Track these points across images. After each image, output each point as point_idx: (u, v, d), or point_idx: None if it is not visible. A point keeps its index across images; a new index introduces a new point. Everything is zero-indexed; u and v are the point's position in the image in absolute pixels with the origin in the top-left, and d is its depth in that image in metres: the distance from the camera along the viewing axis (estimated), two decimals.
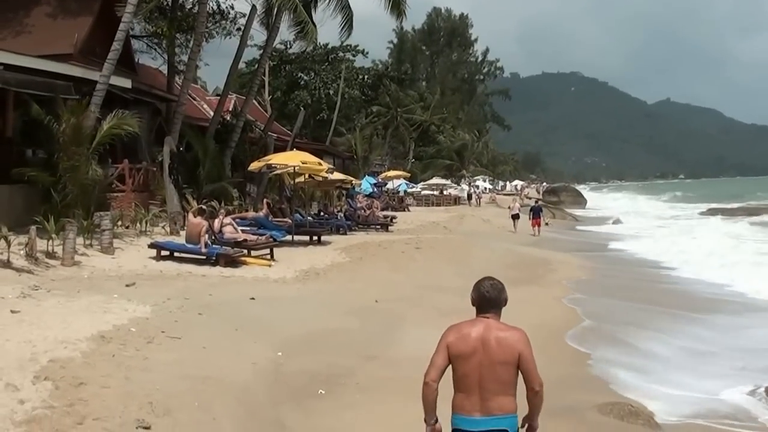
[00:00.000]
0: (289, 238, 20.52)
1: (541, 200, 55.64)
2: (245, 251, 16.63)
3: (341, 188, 33.91)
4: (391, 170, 57.94)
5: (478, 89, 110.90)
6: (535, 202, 41.88)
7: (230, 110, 33.36)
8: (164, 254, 15.63)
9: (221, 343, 8.81)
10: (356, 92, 62.32)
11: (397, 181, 53.12)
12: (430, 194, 59.73)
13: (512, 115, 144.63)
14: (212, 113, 31.63)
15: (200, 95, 41.38)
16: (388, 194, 48.94)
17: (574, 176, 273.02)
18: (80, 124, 17.68)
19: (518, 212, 35.50)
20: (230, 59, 29.35)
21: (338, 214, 28.69)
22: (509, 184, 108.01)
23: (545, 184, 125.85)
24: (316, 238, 21.99)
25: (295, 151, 25.90)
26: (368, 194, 40.98)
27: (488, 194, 75.26)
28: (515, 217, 34.90)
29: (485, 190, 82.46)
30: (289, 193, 27.61)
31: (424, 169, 74.67)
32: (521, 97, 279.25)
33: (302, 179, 24.50)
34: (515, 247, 25.96)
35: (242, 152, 29.10)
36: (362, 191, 40.85)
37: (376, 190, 45.59)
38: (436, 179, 66.50)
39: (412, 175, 63.54)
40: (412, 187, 59.44)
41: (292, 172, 23.23)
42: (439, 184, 64.42)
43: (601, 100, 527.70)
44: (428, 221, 34.56)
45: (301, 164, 21.91)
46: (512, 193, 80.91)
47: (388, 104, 69.71)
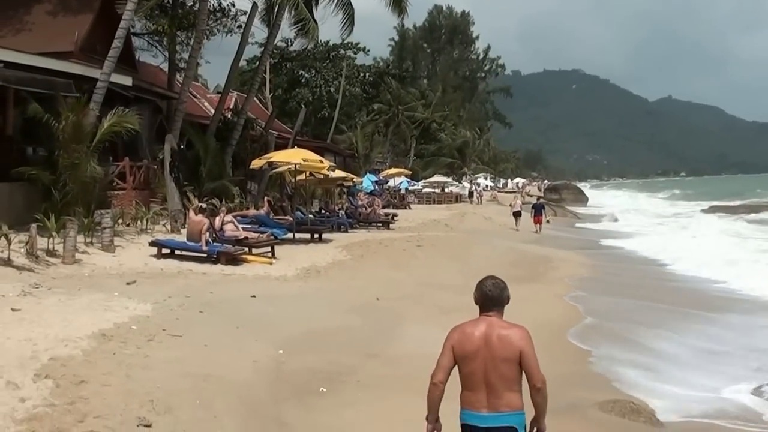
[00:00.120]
0: (290, 235, 20.50)
1: (542, 198, 55.61)
2: (246, 249, 16.63)
3: (342, 186, 33.91)
4: (392, 168, 57.93)
5: (479, 87, 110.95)
6: (536, 199, 41.80)
7: (231, 108, 33.36)
8: (165, 252, 15.63)
9: (222, 341, 8.80)
10: (357, 90, 62.29)
11: (398, 178, 53.06)
12: (431, 192, 59.61)
13: (513, 112, 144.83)
14: (213, 111, 31.63)
15: (201, 93, 41.36)
16: (389, 192, 48.90)
17: (575, 174, 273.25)
18: (80, 121, 17.65)
19: (520, 209, 35.48)
20: (231, 57, 29.41)
21: (339, 211, 28.67)
22: (511, 181, 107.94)
23: (546, 181, 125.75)
24: (317, 235, 21.97)
25: (296, 148, 25.91)
26: (369, 192, 40.98)
27: (489, 192, 75.11)
28: (517, 214, 34.90)
29: (486, 187, 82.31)
30: (290, 190, 27.61)
31: (425, 166, 74.66)
32: (522, 94, 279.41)
33: (303, 177, 24.47)
34: (517, 244, 25.94)
35: (243, 150, 29.11)
36: (363, 189, 40.85)
37: (377, 187, 45.58)
38: (437, 177, 66.38)
39: (413, 172, 63.57)
40: (413, 184, 59.43)
41: (293, 169, 23.23)
42: (440, 181, 64.32)
43: (602, 97, 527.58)
44: (429, 219, 34.52)
45: (302, 162, 21.89)
46: (514, 190, 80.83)
47: (389, 102, 69.69)
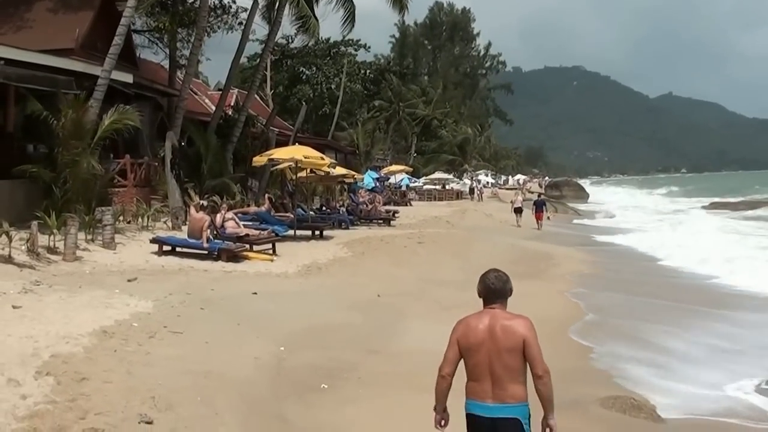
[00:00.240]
0: (291, 232, 20.50)
1: (543, 194, 55.63)
2: (247, 246, 16.63)
3: (343, 183, 33.89)
4: (393, 165, 57.89)
5: (480, 83, 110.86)
6: (537, 196, 41.78)
7: (232, 105, 33.34)
8: (166, 249, 15.63)
9: (223, 337, 8.80)
10: (358, 87, 62.19)
11: (399, 175, 53.06)
12: (432, 189, 59.63)
13: (514, 109, 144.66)
14: (214, 108, 31.61)
15: (202, 90, 41.35)
16: (390, 189, 48.89)
17: (576, 170, 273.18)
18: (80, 118, 17.64)
19: (521, 206, 35.46)
20: (232, 54, 29.36)
21: (340, 208, 28.68)
22: (512, 178, 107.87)
23: (547, 178, 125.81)
24: (318, 232, 21.96)
25: (297, 145, 25.86)
26: (370, 189, 40.98)
27: (489, 189, 74.99)
28: (518, 211, 34.88)
29: (487, 184, 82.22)
30: (291, 188, 27.57)
31: (426, 163, 74.61)
32: (523, 91, 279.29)
33: (304, 174, 24.46)
34: (518, 241, 25.93)
35: (244, 147, 29.09)
36: (364, 186, 40.85)
37: (378, 184, 45.57)
38: (438, 174, 66.42)
39: (414, 169, 63.51)
40: (414, 181, 59.44)
41: (294, 166, 23.20)
42: (441, 178, 64.35)
43: (603, 94, 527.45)
44: (430, 216, 34.49)
45: (303, 159, 21.88)
46: (514, 187, 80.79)
47: (390, 99, 69.64)
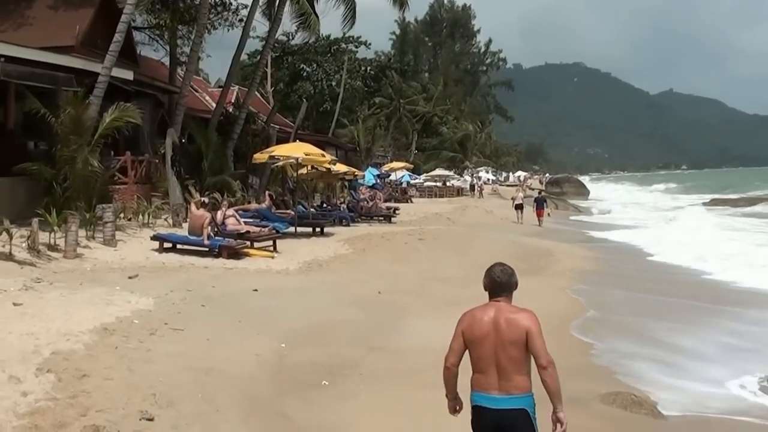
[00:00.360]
0: (291, 229, 20.52)
1: (543, 191, 55.62)
2: (248, 243, 16.64)
3: (344, 180, 33.88)
4: (394, 162, 57.86)
5: (480, 80, 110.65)
6: (538, 193, 41.77)
7: (232, 102, 33.29)
8: (167, 246, 15.66)
9: (224, 334, 8.80)
10: (359, 84, 62.12)
11: (399, 172, 53.05)
12: (433, 186, 59.57)
13: (515, 106, 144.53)
14: (214, 105, 31.58)
15: (202, 87, 41.30)
16: (390, 186, 48.86)
17: (576, 167, 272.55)
18: (80, 115, 17.63)
19: (522, 203, 35.46)
20: (232, 51, 29.35)
21: (341, 205, 28.69)
22: (512, 175, 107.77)
23: (548, 175, 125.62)
24: (318, 229, 21.98)
25: (297, 142, 25.85)
26: (371, 186, 40.94)
27: (490, 185, 74.87)
28: (519, 207, 34.88)
29: (487, 181, 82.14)
30: (291, 184, 27.57)
31: (426, 160, 74.50)
32: (524, 88, 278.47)
33: (305, 171, 24.45)
34: (518, 237, 25.94)
35: (245, 144, 29.09)
36: (365, 183, 40.82)
37: (378, 181, 45.52)
38: (439, 170, 66.35)
39: (414, 166, 63.47)
40: (414, 178, 59.38)
41: (294, 163, 23.20)
42: (442, 175, 64.29)
43: (603, 90, 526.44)
44: (431, 212, 34.52)
45: (304, 156, 21.87)
46: (515, 184, 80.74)
47: (390, 95, 69.58)
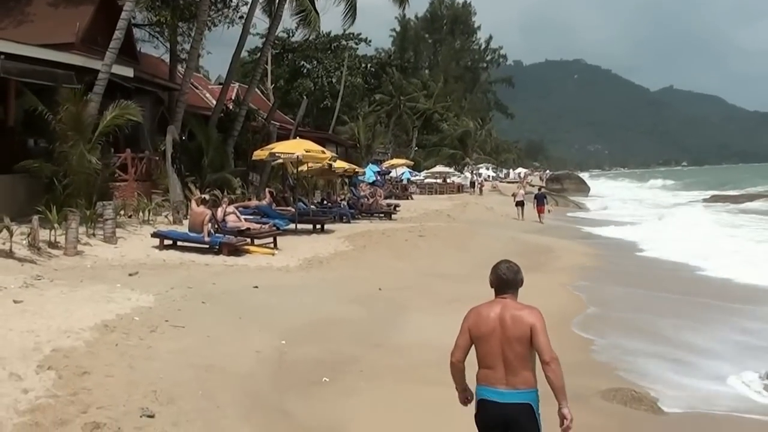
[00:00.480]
0: (292, 226, 20.50)
1: (544, 188, 55.56)
2: (248, 240, 16.64)
3: (344, 177, 33.88)
4: (394, 158, 57.85)
5: (481, 77, 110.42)
6: (538, 189, 41.74)
7: (233, 99, 33.30)
8: (167, 243, 15.65)
9: (225, 331, 8.80)
10: (359, 80, 62.07)
11: (400, 169, 53.01)
12: (433, 182, 59.51)
13: (515, 103, 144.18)
14: (215, 102, 31.57)
15: (203, 84, 41.29)
16: (391, 182, 48.84)
17: (577, 164, 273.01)
18: (79, 112, 17.61)
19: (523, 199, 35.46)
20: (232, 48, 29.32)
21: (341, 202, 28.68)
22: (512, 172, 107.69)
23: (548, 171, 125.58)
24: (319, 226, 21.97)
25: (298, 139, 25.86)
26: (371, 183, 40.94)
27: (490, 182, 74.76)
28: (520, 204, 34.87)
29: (488, 177, 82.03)
30: (292, 181, 27.58)
31: (427, 157, 74.47)
32: (524, 85, 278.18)
33: (305, 168, 24.44)
34: (518, 234, 25.93)
35: (245, 141, 29.10)
36: (365, 180, 40.81)
37: (379, 178, 45.52)
38: (439, 167, 66.23)
39: (415, 163, 63.44)
40: (415, 175, 59.33)
41: (295, 160, 23.20)
42: (442, 172, 64.23)
43: (604, 87, 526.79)
44: (431, 209, 34.51)
45: (304, 153, 21.86)
46: (515, 180, 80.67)
47: (391, 92, 69.52)
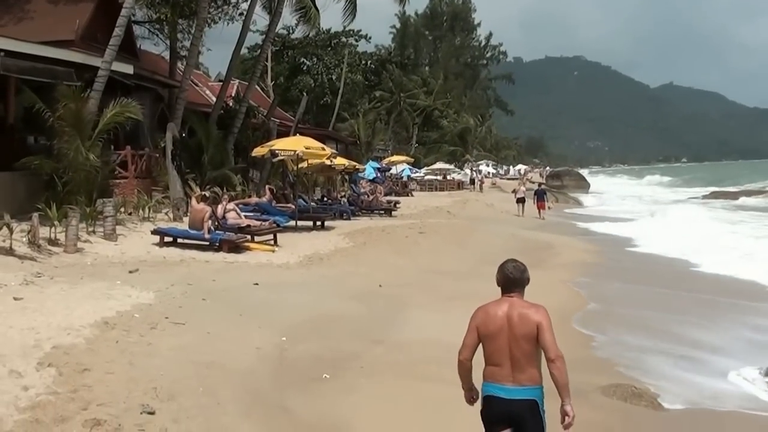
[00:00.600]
0: (292, 223, 20.50)
1: (544, 184, 55.57)
2: (249, 237, 16.63)
3: (344, 174, 33.87)
4: (394, 155, 57.85)
5: (481, 74, 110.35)
6: (538, 186, 41.78)
7: (233, 96, 33.28)
8: (167, 240, 15.64)
9: (225, 328, 8.80)
10: (359, 77, 62.09)
11: (400, 166, 53.03)
12: (433, 179, 59.53)
13: (515, 99, 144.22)
14: (215, 99, 31.57)
15: (202, 81, 41.28)
16: (391, 179, 48.85)
17: (577, 160, 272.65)
18: (79, 109, 17.60)
19: (524, 196, 35.48)
20: (232, 45, 29.30)
21: (341, 199, 28.68)
22: (513, 168, 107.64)
23: (548, 168, 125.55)
24: (319, 223, 21.97)
25: (298, 136, 25.85)
26: (372, 179, 40.95)
27: (490, 179, 74.68)
28: (521, 200, 34.89)
29: (488, 174, 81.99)
30: (292, 178, 27.56)
31: (427, 153, 74.47)
32: (524, 81, 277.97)
33: (305, 165, 24.43)
34: (519, 230, 25.93)
35: (245, 138, 29.07)
36: (365, 176, 40.82)
37: (379, 175, 45.54)
38: (439, 164, 66.25)
39: (415, 160, 63.42)
40: (415, 172, 59.36)
41: (295, 157, 23.17)
42: (442, 168, 64.24)
43: (604, 84, 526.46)
44: (432, 206, 34.50)
45: (304, 150, 21.84)
46: (515, 177, 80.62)
47: (391, 89, 69.54)
